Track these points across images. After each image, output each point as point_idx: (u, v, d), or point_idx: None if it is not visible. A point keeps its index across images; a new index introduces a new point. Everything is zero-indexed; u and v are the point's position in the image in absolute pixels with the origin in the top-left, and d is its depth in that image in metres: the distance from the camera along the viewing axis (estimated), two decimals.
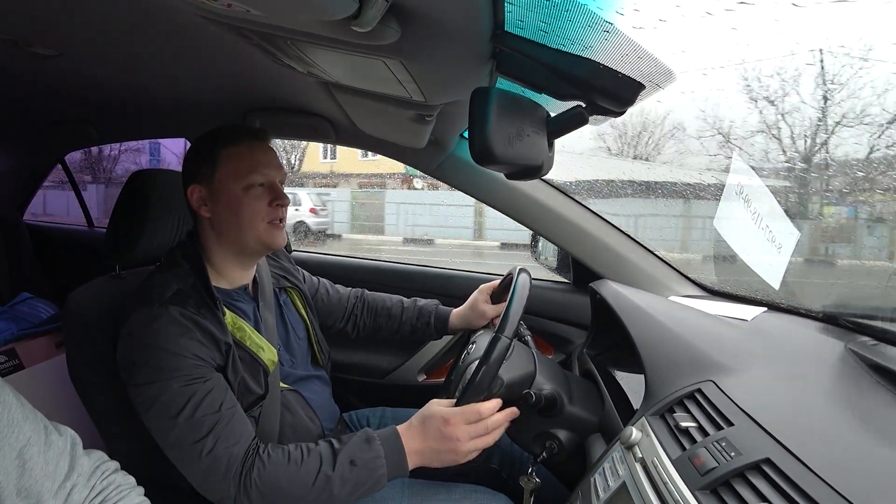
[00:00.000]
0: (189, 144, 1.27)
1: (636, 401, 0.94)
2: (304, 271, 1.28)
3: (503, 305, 0.94)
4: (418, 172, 1.69)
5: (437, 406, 0.88)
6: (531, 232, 1.52)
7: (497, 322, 0.90)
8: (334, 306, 1.30)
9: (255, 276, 1.06)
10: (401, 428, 0.89)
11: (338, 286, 1.33)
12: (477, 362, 0.87)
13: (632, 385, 1.04)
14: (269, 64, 0.91)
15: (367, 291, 1.35)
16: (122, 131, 1.91)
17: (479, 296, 1.24)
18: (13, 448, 0.60)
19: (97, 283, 1.06)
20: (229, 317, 0.95)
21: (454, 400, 0.89)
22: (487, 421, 0.86)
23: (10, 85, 1.34)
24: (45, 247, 2.28)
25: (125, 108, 1.54)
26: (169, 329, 0.86)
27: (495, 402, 0.88)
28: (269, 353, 0.98)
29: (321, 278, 1.32)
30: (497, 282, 1.23)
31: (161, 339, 0.85)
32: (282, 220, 0.99)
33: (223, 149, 0.96)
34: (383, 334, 1.32)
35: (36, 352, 1.39)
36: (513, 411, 0.90)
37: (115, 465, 0.74)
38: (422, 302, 1.31)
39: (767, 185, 1.21)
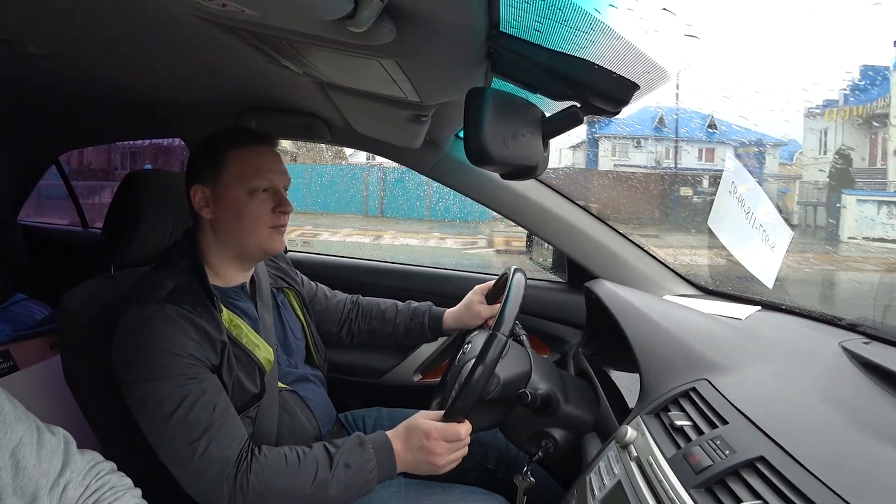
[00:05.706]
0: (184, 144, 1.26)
1: (631, 400, 0.95)
2: (303, 276, 1.28)
3: (498, 306, 0.94)
4: None
5: (423, 419, 0.90)
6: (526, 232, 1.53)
7: (492, 322, 0.90)
8: (331, 311, 1.29)
9: (252, 275, 1.06)
10: (390, 433, 0.90)
11: (336, 291, 1.33)
12: (473, 361, 0.87)
13: (627, 384, 1.05)
14: (265, 64, 0.90)
15: (361, 297, 1.34)
16: (116, 131, 1.91)
17: (473, 296, 1.23)
18: (6, 448, 0.61)
19: (92, 284, 1.05)
20: (226, 314, 0.95)
21: (441, 413, 0.90)
22: (465, 441, 0.89)
23: (4, 85, 1.33)
24: (40, 247, 2.26)
25: (119, 109, 1.54)
26: (164, 327, 0.85)
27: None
28: (265, 352, 0.97)
29: (319, 283, 1.32)
30: (492, 282, 1.23)
31: (156, 337, 0.85)
32: (283, 226, 0.99)
33: (230, 151, 0.95)
34: (377, 337, 1.31)
35: (31, 353, 1.38)
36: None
37: (110, 465, 0.74)
38: (416, 304, 1.31)
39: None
